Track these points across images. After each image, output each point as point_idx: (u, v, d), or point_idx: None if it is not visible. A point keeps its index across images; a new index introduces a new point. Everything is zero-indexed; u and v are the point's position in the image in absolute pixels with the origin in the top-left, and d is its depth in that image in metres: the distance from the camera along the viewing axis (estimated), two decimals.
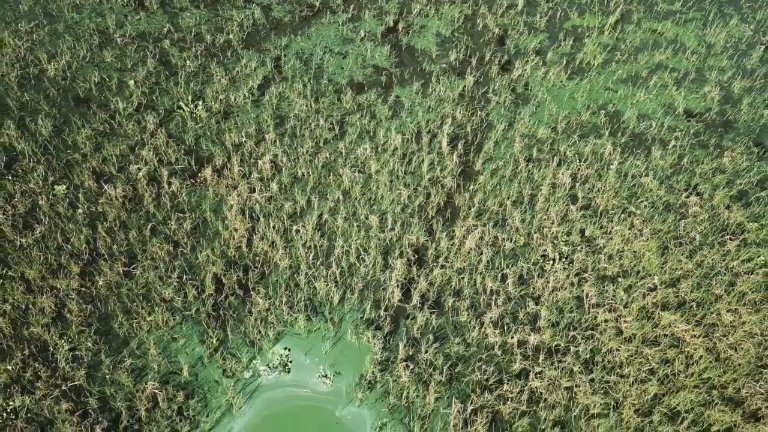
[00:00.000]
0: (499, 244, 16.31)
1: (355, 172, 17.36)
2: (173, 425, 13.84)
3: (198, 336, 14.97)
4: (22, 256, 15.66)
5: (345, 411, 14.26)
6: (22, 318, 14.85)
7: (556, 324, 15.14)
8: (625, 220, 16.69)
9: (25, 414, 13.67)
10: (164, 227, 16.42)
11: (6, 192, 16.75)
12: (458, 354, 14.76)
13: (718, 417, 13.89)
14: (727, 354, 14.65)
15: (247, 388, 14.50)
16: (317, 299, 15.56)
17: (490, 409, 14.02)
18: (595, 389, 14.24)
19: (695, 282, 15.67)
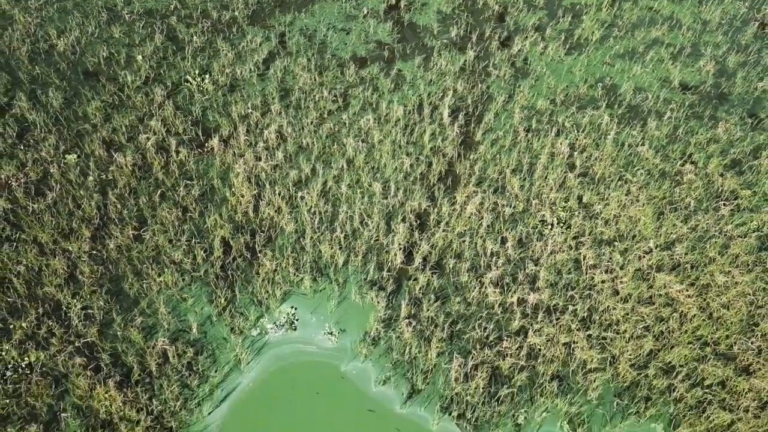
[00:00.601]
0: (498, 209, 16.75)
1: (358, 142, 17.80)
2: (183, 379, 14.29)
3: (207, 296, 15.42)
4: (35, 220, 16.09)
5: (350, 366, 14.71)
6: (36, 279, 15.29)
7: (554, 284, 15.59)
8: (621, 186, 17.13)
9: (39, 368, 14.11)
10: (173, 193, 16.86)
11: (18, 160, 17.18)
12: (459, 312, 15.21)
13: (711, 371, 14.35)
14: (720, 313, 15.10)
15: (254, 344, 14.95)
16: (322, 262, 16.00)
17: (490, 364, 14.47)
18: (592, 345, 14.70)
19: (690, 245, 16.11)
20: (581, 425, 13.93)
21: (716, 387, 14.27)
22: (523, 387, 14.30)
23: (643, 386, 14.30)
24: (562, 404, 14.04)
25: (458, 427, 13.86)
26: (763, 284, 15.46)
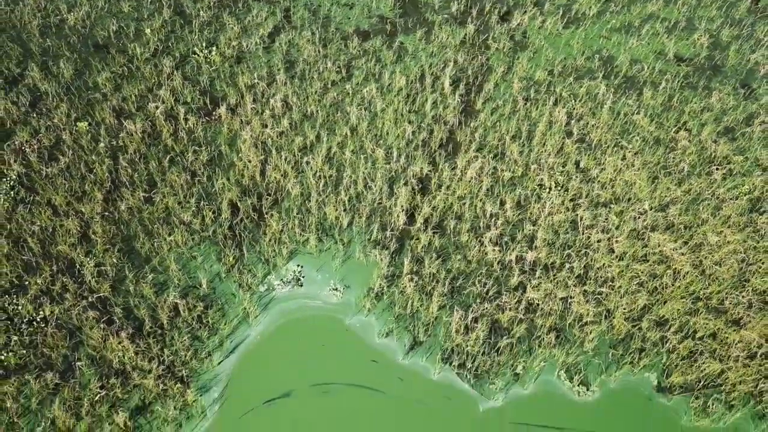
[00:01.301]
0: (498, 174, 17.26)
1: (362, 110, 18.30)
2: (193, 332, 14.81)
3: (215, 254, 15.93)
4: (48, 184, 16.61)
5: (354, 319, 15.23)
6: (50, 238, 15.80)
7: (551, 244, 16.10)
8: (617, 152, 17.64)
9: (54, 321, 14.63)
10: (182, 159, 17.37)
11: (31, 127, 17.68)
12: (459, 270, 15.72)
13: (702, 324, 14.86)
14: (712, 270, 15.61)
15: (262, 300, 15.47)
16: (327, 223, 16.51)
17: (490, 317, 14.99)
18: (588, 300, 15.21)
19: (683, 207, 16.62)
20: (578, 374, 14.44)
21: (707, 339, 14.79)
22: (521, 338, 14.81)
23: (637, 338, 14.81)
24: (559, 355, 14.56)
25: (459, 377, 14.38)
26: (753, 243, 15.97)
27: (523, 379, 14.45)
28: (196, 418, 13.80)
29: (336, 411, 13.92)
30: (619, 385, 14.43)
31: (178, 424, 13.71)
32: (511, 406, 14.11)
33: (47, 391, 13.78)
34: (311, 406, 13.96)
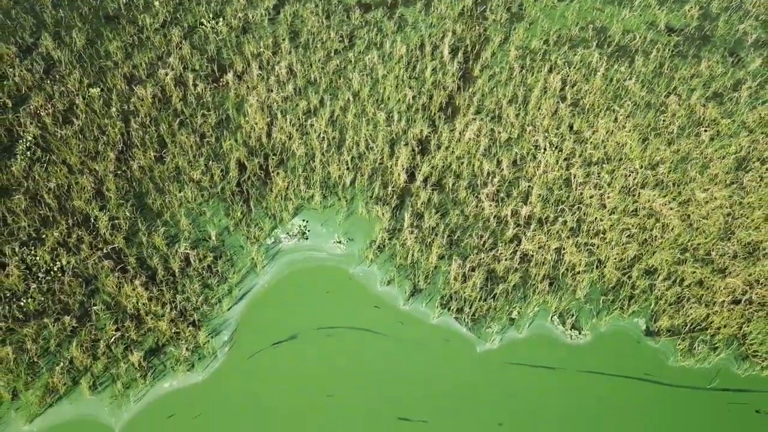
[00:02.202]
0: (495, 135, 17.96)
1: (364, 76, 19.00)
2: (204, 280, 15.52)
3: (224, 210, 16.64)
4: (63, 144, 17.30)
5: (357, 269, 15.93)
6: (66, 195, 16.50)
7: (546, 199, 16.81)
8: (609, 115, 18.35)
9: (71, 270, 15.33)
10: (191, 121, 18.06)
11: (46, 93, 18.37)
12: (457, 224, 16.43)
13: (689, 272, 15.57)
14: (699, 223, 16.32)
15: (269, 251, 16.18)
16: (331, 181, 17.22)
17: (486, 266, 15.70)
18: (580, 250, 15.92)
19: (672, 166, 17.33)
20: (570, 319, 15.15)
21: (694, 286, 15.50)
22: (516, 286, 15.53)
23: (627, 286, 15.53)
24: (552, 301, 15.27)
25: (457, 321, 15.09)
26: (738, 199, 16.68)
27: (518, 323, 15.17)
28: (207, 359, 14.51)
29: (340, 352, 14.63)
30: (609, 329, 15.15)
31: (191, 364, 14.42)
32: (506, 348, 14.83)
33: (65, 334, 14.49)
34: (317, 347, 14.67)
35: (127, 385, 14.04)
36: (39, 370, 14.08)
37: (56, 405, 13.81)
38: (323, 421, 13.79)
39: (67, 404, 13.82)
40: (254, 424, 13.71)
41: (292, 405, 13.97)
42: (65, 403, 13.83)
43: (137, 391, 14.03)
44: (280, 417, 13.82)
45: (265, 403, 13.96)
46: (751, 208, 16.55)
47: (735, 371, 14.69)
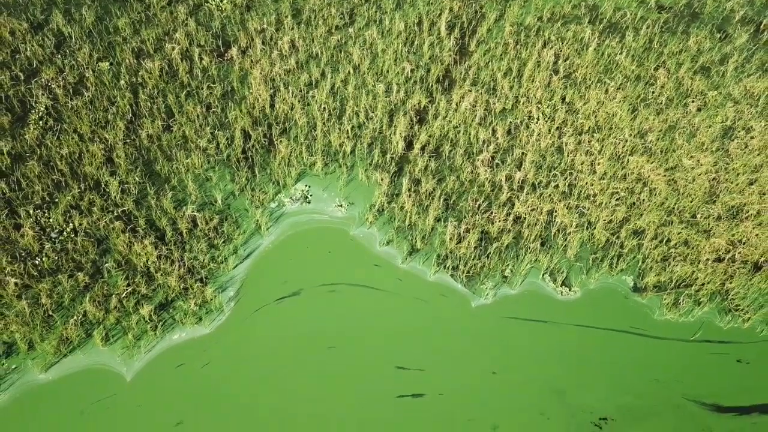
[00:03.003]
0: (490, 106, 18.65)
1: (364, 50, 19.69)
2: (210, 240, 16.21)
3: (229, 176, 17.33)
4: (74, 114, 17.98)
5: (357, 231, 16.63)
6: (77, 161, 17.19)
7: (539, 166, 17.50)
8: (600, 87, 19.03)
9: (83, 231, 16.02)
10: (197, 93, 18.74)
11: (57, 66, 19.04)
12: (453, 189, 17.13)
13: (675, 233, 16.27)
14: (685, 188, 17.01)
15: (273, 214, 16.87)
16: (332, 149, 17.91)
17: (481, 228, 16.40)
18: (571, 211, 16.62)
19: (660, 134, 18.03)
20: (560, 277, 15.85)
21: (680, 245, 16.20)
22: (509, 246, 16.23)
23: (616, 245, 16.23)
24: (544, 260, 15.97)
25: (452, 278, 15.79)
26: (724, 165, 17.38)
27: (510, 280, 15.87)
28: (214, 313, 15.21)
29: (341, 306, 15.33)
30: (598, 286, 15.86)
31: (198, 317, 15.12)
32: (500, 303, 15.54)
33: (78, 290, 15.18)
34: (319, 302, 15.37)
35: (138, 337, 14.74)
36: (54, 323, 14.78)
37: (70, 355, 14.51)
38: (325, 370, 14.49)
39: (80, 354, 14.52)
40: (259, 372, 14.41)
41: (294, 355, 14.67)
42: (79, 353, 14.54)
43: (148, 342, 14.73)
44: (284, 366, 14.52)
45: (269, 353, 14.66)
46: (735, 173, 17.25)
47: (717, 324, 15.40)
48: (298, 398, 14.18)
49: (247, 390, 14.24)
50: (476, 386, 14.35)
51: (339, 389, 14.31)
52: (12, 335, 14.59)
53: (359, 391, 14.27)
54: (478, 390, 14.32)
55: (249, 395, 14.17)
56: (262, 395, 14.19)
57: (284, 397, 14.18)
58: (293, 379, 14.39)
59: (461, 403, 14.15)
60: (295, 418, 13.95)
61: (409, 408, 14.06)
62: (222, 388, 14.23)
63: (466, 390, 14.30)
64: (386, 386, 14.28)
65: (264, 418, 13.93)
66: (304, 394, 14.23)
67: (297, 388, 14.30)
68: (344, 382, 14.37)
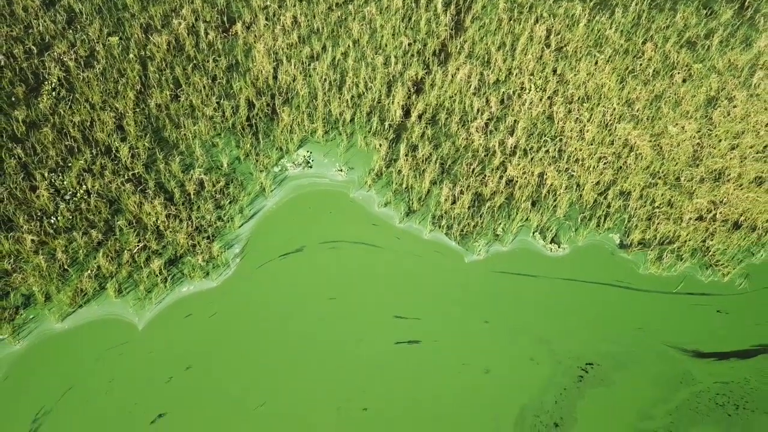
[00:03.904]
0: (484, 78, 19.46)
1: (363, 26, 20.49)
2: (217, 201, 17.03)
3: (235, 142, 18.14)
4: (86, 85, 18.79)
5: (357, 193, 17.44)
6: (89, 129, 18.00)
7: (530, 132, 18.31)
8: (590, 60, 19.83)
9: (96, 193, 16.83)
10: (204, 66, 19.55)
11: (68, 41, 19.85)
12: (449, 154, 17.93)
13: (660, 194, 17.08)
14: (670, 153, 17.81)
15: (276, 178, 17.68)
16: (332, 118, 18.71)
17: (474, 190, 17.20)
18: (561, 174, 17.42)
19: (647, 103, 18.83)
20: (550, 234, 16.66)
21: (664, 206, 17.00)
22: (501, 206, 17.04)
23: (603, 205, 17.04)
24: (534, 218, 16.78)
25: (447, 236, 16.60)
26: (707, 131, 18.18)
27: (502, 238, 16.67)
28: (221, 268, 16.03)
29: (342, 261, 16.14)
30: (586, 243, 16.67)
31: (206, 272, 15.94)
32: (491, 259, 16.35)
33: (92, 246, 16.00)
34: (320, 258, 16.19)
35: (149, 289, 15.56)
36: (69, 277, 15.60)
37: (85, 306, 15.34)
38: (326, 319, 15.31)
39: (95, 305, 15.34)
40: (263, 321, 15.23)
41: (297, 306, 15.49)
42: (93, 304, 15.36)
43: (158, 294, 15.55)
44: (287, 315, 15.34)
45: (273, 303, 15.48)
46: (718, 139, 18.05)
47: (699, 278, 16.21)
48: (301, 345, 15.00)
49: (252, 337, 15.06)
50: (469, 334, 15.17)
51: (339, 336, 15.13)
52: (30, 288, 15.42)
53: (359, 338, 15.09)
54: (471, 337, 15.14)
55: (254, 342, 14.99)
56: (267, 342, 15.01)
57: (287, 344, 15.00)
58: (296, 327, 15.21)
59: (455, 349, 14.97)
60: (298, 364, 14.77)
61: (405, 353, 14.88)
62: (228, 335, 15.05)
63: (459, 337, 15.12)
64: (384, 333, 15.10)
65: (268, 363, 14.75)
66: (307, 341, 15.05)
67: (299, 335, 15.12)
68: (344, 329, 15.20)
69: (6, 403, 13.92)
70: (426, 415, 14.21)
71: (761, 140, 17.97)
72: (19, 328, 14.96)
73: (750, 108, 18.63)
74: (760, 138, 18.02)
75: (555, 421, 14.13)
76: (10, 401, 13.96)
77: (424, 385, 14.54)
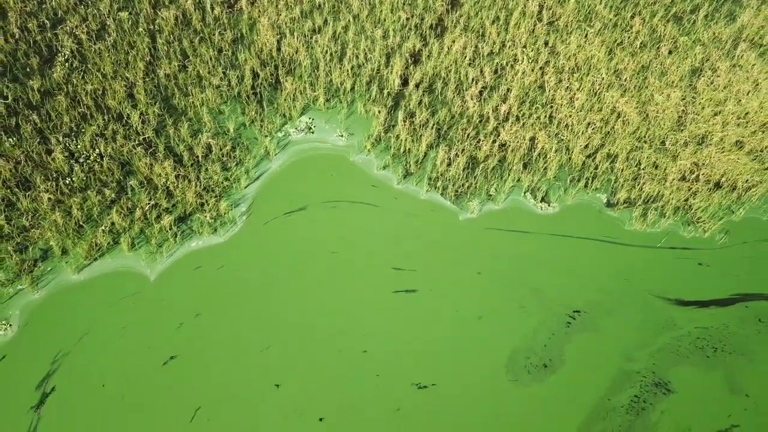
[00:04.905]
0: (479, 50, 20.32)
1: (363, 1, 21.34)
2: (224, 163, 17.88)
3: (240, 109, 18.99)
4: (97, 56, 19.64)
5: (357, 157, 18.30)
6: (101, 97, 18.85)
7: (522, 100, 19.17)
8: (580, 33, 20.68)
9: (108, 156, 17.69)
10: (210, 39, 20.40)
11: (80, 15, 20.70)
12: (445, 120, 18.79)
13: (645, 157, 17.93)
14: (655, 119, 18.67)
15: (280, 142, 18.54)
16: (333, 87, 19.57)
17: (469, 153, 18.06)
18: (551, 138, 18.28)
19: (634, 73, 19.68)
20: (540, 194, 17.52)
21: (649, 167, 17.86)
22: (494, 168, 17.90)
23: (591, 167, 17.90)
24: (525, 179, 17.64)
25: (442, 196, 17.46)
26: (691, 99, 19.04)
27: (495, 198, 17.54)
28: (228, 225, 16.88)
29: (343, 219, 17.00)
30: (574, 202, 17.53)
31: (214, 228, 16.80)
32: (485, 217, 17.20)
33: (105, 204, 16.86)
34: (322, 216, 17.04)
35: (160, 244, 16.42)
36: (84, 233, 16.45)
37: (100, 259, 16.19)
38: (328, 270, 16.16)
39: (109, 259, 16.20)
40: (268, 272, 16.09)
41: (300, 259, 16.34)
42: (107, 257, 16.22)
43: (168, 248, 16.40)
44: (291, 267, 16.20)
45: (278, 256, 16.34)
46: (701, 106, 18.91)
47: (681, 234, 17.08)
48: (304, 294, 15.86)
49: (258, 287, 15.92)
50: (463, 284, 16.04)
51: (340, 286, 15.99)
52: (47, 242, 16.28)
53: (358, 287, 15.95)
54: (465, 287, 16.00)
55: (260, 291, 15.85)
56: (271, 291, 15.87)
57: (291, 293, 15.86)
58: (299, 278, 16.06)
59: (449, 298, 15.83)
60: (300, 311, 15.63)
61: (403, 301, 15.74)
62: (235, 286, 15.90)
63: (453, 287, 15.98)
64: (383, 283, 15.96)
65: (273, 310, 15.61)
66: (309, 290, 15.91)
67: (302, 285, 15.97)
68: (345, 280, 16.06)
69: (27, 345, 14.78)
70: (422, 357, 15.07)
71: (742, 107, 18.83)
72: (38, 279, 15.81)
73: (732, 78, 19.49)
74: (742, 105, 18.88)
75: (544, 362, 15.00)
76: (30, 344, 14.82)
77: (420, 329, 15.40)
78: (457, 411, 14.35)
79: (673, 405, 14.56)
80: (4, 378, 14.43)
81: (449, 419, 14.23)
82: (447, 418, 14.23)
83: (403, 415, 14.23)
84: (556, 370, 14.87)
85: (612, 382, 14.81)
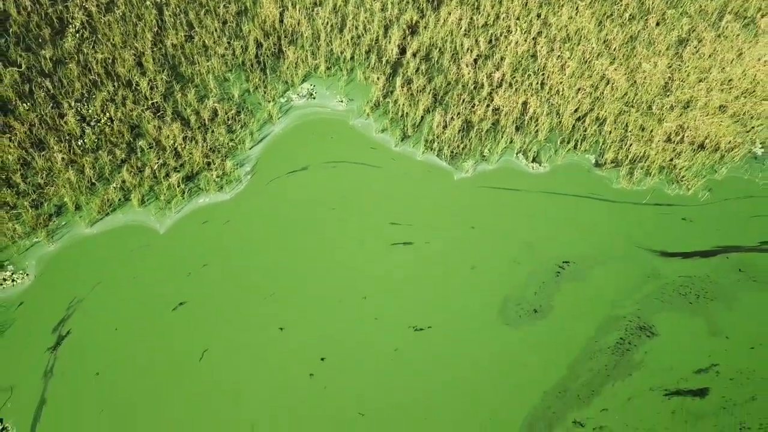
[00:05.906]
0: (474, 21, 21.11)
1: None
2: (229, 126, 18.68)
3: (244, 76, 19.79)
4: (107, 27, 20.43)
5: (356, 121, 19.10)
6: (111, 65, 19.64)
7: (515, 68, 19.97)
8: (571, 6, 21.48)
9: (118, 120, 18.48)
10: (215, 11, 21.20)
11: None
12: (441, 86, 19.59)
13: (632, 120, 18.73)
14: (643, 85, 19.47)
15: (283, 108, 19.34)
16: (334, 56, 20.37)
17: (464, 117, 18.86)
18: (542, 103, 19.08)
19: (623, 43, 20.48)
20: (532, 155, 18.32)
21: (636, 130, 18.66)
22: (488, 131, 18.70)
23: (580, 130, 18.70)
24: (517, 141, 18.44)
25: (438, 158, 18.26)
26: (677, 66, 19.84)
27: (488, 159, 18.34)
28: (233, 183, 17.68)
29: (342, 178, 17.80)
30: (564, 162, 18.33)
31: (220, 186, 17.60)
32: (478, 176, 18.01)
33: (116, 163, 17.66)
34: (323, 175, 17.84)
35: (168, 200, 17.22)
36: (96, 189, 17.25)
37: (111, 214, 16.99)
38: (329, 224, 16.96)
39: (120, 214, 17.00)
40: (272, 227, 16.88)
41: (301, 214, 17.14)
42: (119, 213, 17.01)
43: (177, 204, 17.20)
44: (293, 222, 16.99)
45: (281, 212, 17.14)
46: (687, 73, 19.71)
47: (666, 191, 17.88)
48: (305, 246, 16.65)
49: (262, 239, 16.72)
50: (457, 237, 16.84)
51: (340, 239, 16.79)
52: (62, 198, 17.07)
53: (358, 240, 16.75)
54: (459, 240, 16.81)
55: (264, 243, 16.65)
56: (275, 243, 16.67)
57: (293, 246, 16.66)
58: (301, 232, 16.86)
59: (444, 249, 16.64)
60: (303, 261, 16.42)
61: (400, 252, 16.54)
62: (241, 238, 16.71)
63: (448, 239, 16.79)
64: (381, 236, 16.77)
65: (276, 260, 16.41)
66: (311, 243, 16.71)
67: (304, 238, 16.77)
68: (344, 233, 16.86)
69: (43, 292, 15.58)
70: (418, 302, 15.87)
71: (726, 74, 19.63)
72: (53, 233, 16.61)
73: (717, 47, 20.29)
74: (725, 72, 19.68)
75: (534, 308, 15.81)
76: (46, 292, 15.62)
77: (416, 277, 16.20)
78: (451, 351, 15.16)
79: (657, 346, 15.37)
80: (23, 322, 15.23)
81: (444, 359, 15.04)
82: (442, 358, 15.04)
83: (401, 354, 15.04)
84: (546, 315, 15.68)
85: (599, 326, 15.62)
